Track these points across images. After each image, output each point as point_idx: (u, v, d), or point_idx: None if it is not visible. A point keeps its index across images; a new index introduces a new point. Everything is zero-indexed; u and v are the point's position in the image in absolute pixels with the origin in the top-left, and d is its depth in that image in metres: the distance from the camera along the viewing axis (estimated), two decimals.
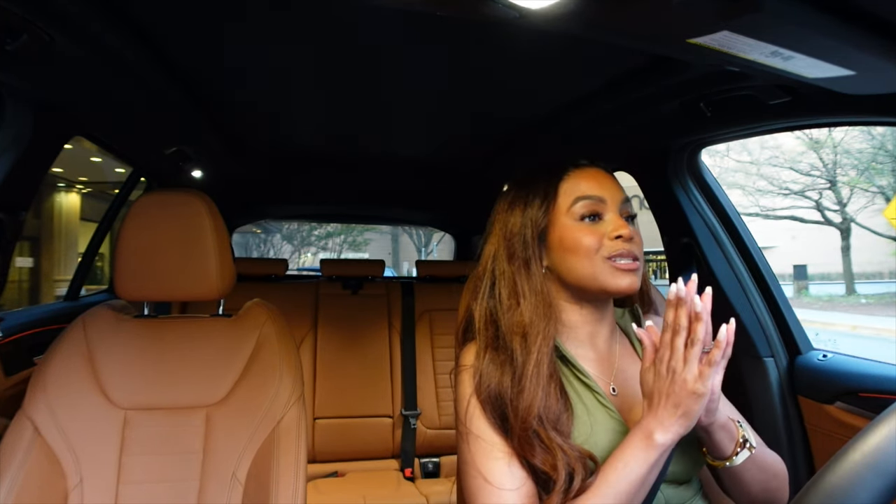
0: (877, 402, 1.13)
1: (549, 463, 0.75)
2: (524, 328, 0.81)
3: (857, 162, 11.77)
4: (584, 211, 0.84)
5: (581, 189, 0.86)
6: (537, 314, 0.82)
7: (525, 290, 0.84)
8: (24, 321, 1.44)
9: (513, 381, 0.79)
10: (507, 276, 0.85)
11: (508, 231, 0.87)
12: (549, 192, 0.86)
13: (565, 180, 0.87)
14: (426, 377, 2.38)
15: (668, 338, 0.72)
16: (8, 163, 1.12)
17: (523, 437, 0.76)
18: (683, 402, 0.70)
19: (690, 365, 0.69)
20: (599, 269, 0.82)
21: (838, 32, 0.70)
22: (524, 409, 0.77)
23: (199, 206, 1.21)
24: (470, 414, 0.81)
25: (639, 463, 0.71)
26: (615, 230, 0.83)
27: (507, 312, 0.84)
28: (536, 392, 0.77)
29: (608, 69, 1.22)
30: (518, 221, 0.87)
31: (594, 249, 0.82)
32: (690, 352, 0.70)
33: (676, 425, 0.70)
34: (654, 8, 0.69)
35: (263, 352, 1.22)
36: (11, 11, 0.83)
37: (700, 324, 0.70)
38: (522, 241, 0.86)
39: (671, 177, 1.48)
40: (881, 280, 14.39)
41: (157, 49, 1.15)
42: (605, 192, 0.86)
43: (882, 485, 0.41)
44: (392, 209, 3.12)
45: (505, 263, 0.86)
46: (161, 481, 1.12)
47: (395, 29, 1.07)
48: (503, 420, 0.79)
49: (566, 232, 0.84)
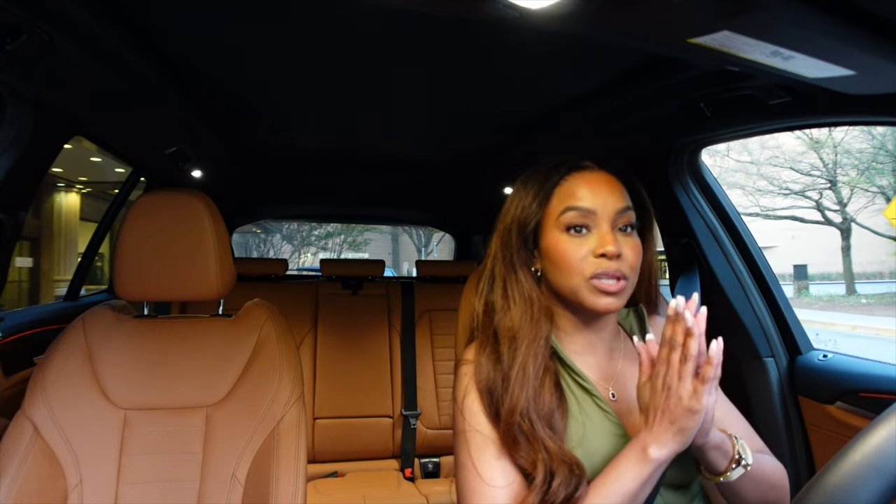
0: (877, 402, 1.13)
1: (529, 460, 0.75)
2: (513, 332, 0.81)
3: (857, 162, 11.78)
4: (571, 222, 0.81)
5: (572, 198, 0.82)
6: (524, 319, 0.82)
7: (514, 295, 0.84)
8: (23, 321, 1.44)
9: (502, 379, 0.80)
10: (501, 276, 0.85)
11: (505, 233, 0.87)
12: (541, 196, 0.84)
13: (561, 185, 0.84)
14: (426, 377, 2.38)
15: (665, 353, 0.71)
16: (8, 163, 1.12)
17: (507, 433, 0.77)
18: (679, 419, 0.69)
19: (685, 381, 0.69)
20: (579, 287, 0.80)
21: (838, 32, 0.70)
22: (508, 407, 0.77)
23: (199, 206, 1.21)
24: (467, 406, 0.82)
25: (631, 477, 0.71)
26: (600, 247, 0.79)
27: (499, 313, 0.84)
28: (521, 393, 0.77)
29: (608, 69, 1.22)
30: (515, 225, 0.85)
31: (576, 266, 0.80)
32: (685, 368, 0.69)
33: (672, 441, 0.70)
34: (654, 8, 0.68)
35: (263, 352, 1.22)
36: (11, 11, 0.83)
37: (692, 339, 0.69)
38: (510, 244, 0.85)
39: (671, 177, 1.48)
40: (881, 280, 14.39)
41: (157, 49, 1.15)
42: (597, 202, 0.81)
43: (882, 485, 0.41)
44: (392, 209, 3.12)
45: (500, 264, 0.86)
46: (161, 481, 1.12)
47: (395, 28, 1.07)
48: (497, 414, 0.79)
49: (552, 242, 0.82)
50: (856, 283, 13.14)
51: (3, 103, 1.10)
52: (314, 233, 17.49)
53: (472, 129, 1.78)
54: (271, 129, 1.83)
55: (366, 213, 3.42)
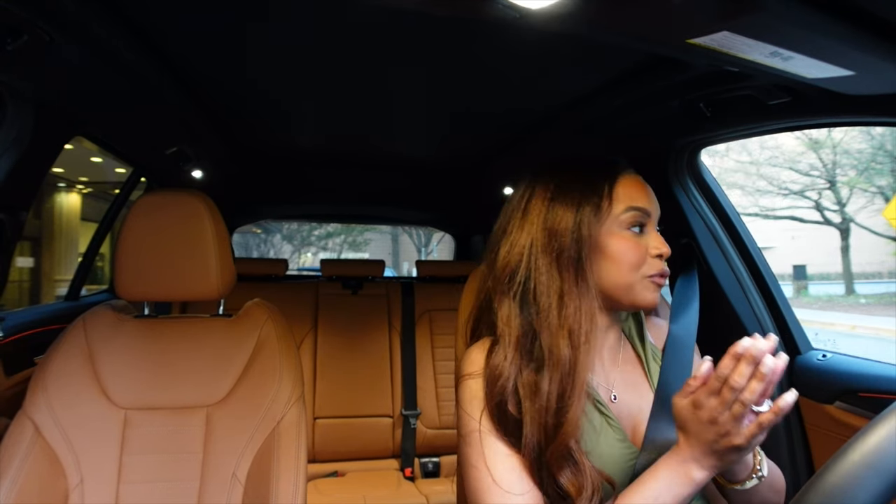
0: (876, 402, 1.13)
1: (575, 484, 0.72)
2: (570, 332, 0.76)
3: (856, 162, 11.79)
4: (634, 221, 0.82)
5: (632, 197, 0.83)
6: (586, 318, 0.77)
7: (573, 291, 0.79)
8: (24, 321, 1.44)
9: (557, 390, 0.74)
10: (548, 272, 0.80)
11: (554, 226, 0.81)
12: (606, 195, 0.82)
13: (619, 184, 0.84)
14: (426, 377, 2.38)
15: (717, 386, 0.66)
16: (9, 163, 1.12)
17: (557, 454, 0.73)
18: (726, 455, 0.67)
19: (738, 423, 0.65)
20: (635, 283, 0.81)
21: (838, 32, 0.70)
22: (570, 422, 0.73)
23: (199, 206, 1.21)
24: (480, 422, 0.78)
25: (671, 496, 0.68)
26: (657, 248, 0.82)
27: (548, 312, 0.78)
28: (581, 407, 0.74)
29: (608, 69, 1.22)
30: (570, 219, 0.81)
31: (637, 265, 0.81)
32: (739, 410, 0.64)
33: (715, 467, 0.68)
34: (654, 8, 0.69)
35: (263, 352, 1.22)
36: (11, 11, 0.83)
37: (760, 384, 0.64)
38: (575, 241, 0.80)
39: (671, 177, 1.48)
40: (880, 280, 14.39)
41: (157, 49, 1.15)
42: (651, 204, 0.84)
43: (881, 485, 0.41)
44: (392, 209, 3.12)
45: (545, 259, 0.80)
46: (161, 481, 1.12)
47: (395, 28, 1.07)
48: (516, 427, 0.76)
49: (612, 239, 0.81)
50: (855, 283, 13.14)
51: (4, 103, 1.10)
52: (314, 233, 17.49)
53: (473, 128, 1.78)
54: (271, 128, 1.83)
55: (366, 213, 3.42)
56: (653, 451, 0.77)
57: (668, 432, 0.78)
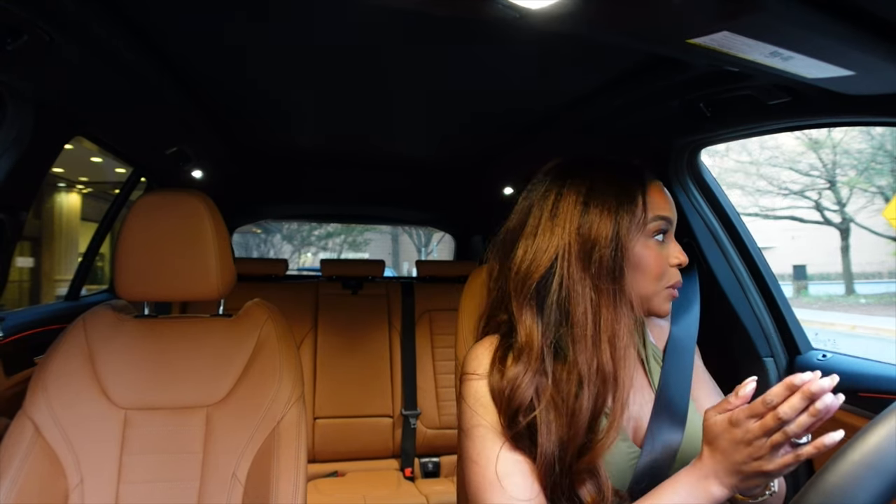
0: (876, 402, 1.13)
1: (595, 497, 0.70)
2: (611, 346, 0.73)
3: (856, 162, 11.80)
4: (659, 229, 0.80)
5: (659, 206, 0.81)
6: (625, 332, 0.75)
7: (611, 303, 0.75)
8: (24, 321, 1.44)
9: (592, 407, 0.72)
10: (581, 281, 0.76)
11: (590, 233, 0.77)
12: (642, 203, 0.79)
13: (649, 191, 0.81)
14: (426, 377, 2.38)
15: (761, 410, 0.62)
16: (9, 163, 1.12)
17: (585, 468, 0.71)
18: (752, 478, 0.64)
19: (774, 451, 0.62)
20: (656, 293, 0.80)
21: (838, 32, 0.70)
22: (607, 441, 0.71)
23: (199, 206, 1.21)
24: (486, 422, 0.76)
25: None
26: (676, 257, 0.81)
27: (584, 325, 0.74)
28: (620, 426, 0.71)
29: (608, 69, 1.22)
30: (608, 226, 0.76)
31: (660, 274, 0.80)
32: (779, 440, 0.61)
33: (737, 487, 0.66)
34: (654, 8, 0.69)
35: (263, 352, 1.22)
36: (11, 11, 0.83)
37: (810, 420, 0.59)
38: (614, 250, 0.76)
39: (671, 177, 1.48)
40: (880, 280, 14.39)
41: (157, 49, 1.15)
42: (673, 213, 0.82)
43: (881, 485, 0.41)
44: (392, 209, 3.12)
45: (579, 266, 0.76)
46: (161, 481, 1.12)
47: (395, 28, 1.07)
48: (529, 435, 0.73)
49: (639, 248, 0.79)
50: (855, 283, 13.15)
51: (4, 103, 1.10)
52: (314, 233, 17.49)
53: (473, 129, 1.78)
54: (271, 128, 1.83)
55: (366, 213, 3.42)
56: (653, 452, 0.77)
57: (669, 433, 0.78)
